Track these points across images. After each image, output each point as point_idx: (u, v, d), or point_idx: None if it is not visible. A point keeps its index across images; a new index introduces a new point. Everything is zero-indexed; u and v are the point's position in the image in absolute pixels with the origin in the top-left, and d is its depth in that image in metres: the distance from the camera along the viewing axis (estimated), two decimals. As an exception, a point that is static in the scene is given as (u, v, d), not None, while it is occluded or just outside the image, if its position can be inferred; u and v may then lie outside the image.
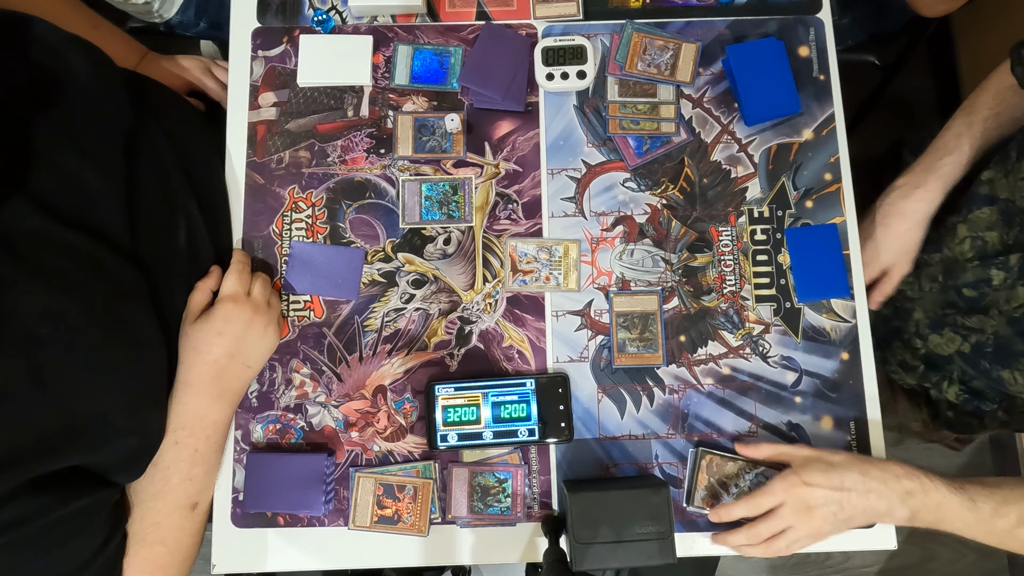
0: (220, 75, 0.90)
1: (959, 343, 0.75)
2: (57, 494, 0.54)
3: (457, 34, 0.83)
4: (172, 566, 0.65)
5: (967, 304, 0.73)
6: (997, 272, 0.69)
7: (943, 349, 0.77)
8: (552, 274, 0.78)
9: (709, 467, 0.72)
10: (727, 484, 0.71)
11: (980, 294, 0.71)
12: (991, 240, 0.71)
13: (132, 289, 0.62)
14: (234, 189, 0.79)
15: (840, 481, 0.63)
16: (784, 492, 0.64)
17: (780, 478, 0.65)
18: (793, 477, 0.64)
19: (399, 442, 0.74)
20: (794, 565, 1.51)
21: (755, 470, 0.72)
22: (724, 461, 0.72)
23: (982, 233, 0.72)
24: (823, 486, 0.63)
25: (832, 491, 0.63)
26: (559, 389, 0.73)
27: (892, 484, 0.63)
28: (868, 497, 0.63)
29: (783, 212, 0.79)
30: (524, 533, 0.73)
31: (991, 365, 0.73)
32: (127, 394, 0.59)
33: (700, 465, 0.71)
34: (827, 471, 0.64)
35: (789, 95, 0.79)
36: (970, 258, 0.73)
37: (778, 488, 0.64)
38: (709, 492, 0.72)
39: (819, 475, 0.64)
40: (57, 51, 0.61)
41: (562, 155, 0.81)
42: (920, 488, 0.63)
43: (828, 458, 0.66)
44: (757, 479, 0.71)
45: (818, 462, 0.65)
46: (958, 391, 0.80)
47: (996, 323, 0.71)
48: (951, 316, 0.75)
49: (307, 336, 0.76)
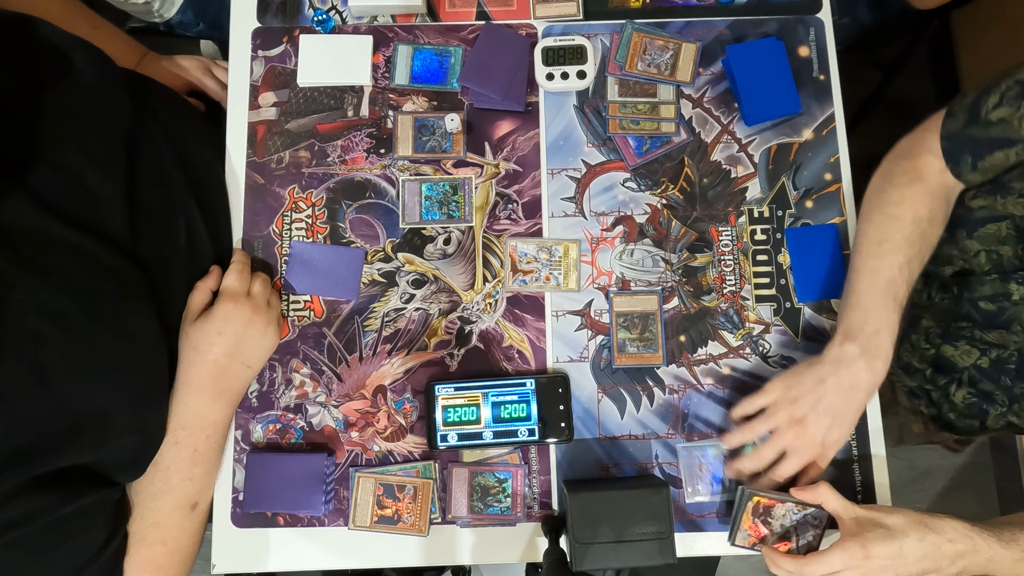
0: (220, 75, 0.90)
1: (977, 357, 0.74)
2: (59, 493, 0.54)
3: (457, 34, 0.83)
4: (172, 566, 0.65)
5: (985, 318, 0.72)
6: (1018, 287, 0.68)
7: (959, 361, 0.76)
8: (552, 274, 0.78)
9: (755, 510, 0.68)
10: (773, 525, 0.68)
11: (999, 308, 0.70)
12: (1006, 254, 0.70)
13: (133, 288, 0.62)
14: (234, 189, 0.79)
15: (899, 548, 0.62)
16: (843, 564, 0.62)
17: (840, 549, 0.62)
18: (856, 548, 0.62)
19: (399, 442, 0.74)
20: (794, 565, 1.51)
21: (804, 511, 0.68)
22: (772, 503, 0.68)
23: (996, 247, 0.70)
24: (883, 557, 0.62)
25: (890, 560, 0.62)
26: (559, 389, 0.73)
27: (946, 549, 0.62)
28: (922, 562, 0.62)
29: (783, 212, 0.79)
30: (524, 533, 0.73)
31: (1013, 381, 0.72)
32: (128, 393, 0.59)
33: (746, 507, 0.68)
34: (887, 539, 0.62)
35: (789, 95, 0.79)
36: (987, 271, 0.72)
37: (836, 559, 0.62)
38: (752, 533, 0.69)
39: (881, 546, 0.62)
40: (58, 52, 0.62)
41: (562, 155, 0.81)
42: (972, 550, 0.62)
43: (885, 521, 0.63)
44: (807, 522, 0.68)
45: (877, 528, 0.63)
46: (966, 394, 0.80)
47: (1019, 339, 0.70)
48: (967, 329, 0.74)
49: (307, 336, 0.76)
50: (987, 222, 0.71)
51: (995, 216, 0.70)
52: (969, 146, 0.66)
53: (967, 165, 0.67)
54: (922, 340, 0.80)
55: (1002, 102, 0.63)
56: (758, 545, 0.68)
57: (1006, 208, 0.68)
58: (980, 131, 0.65)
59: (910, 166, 0.69)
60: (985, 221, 0.71)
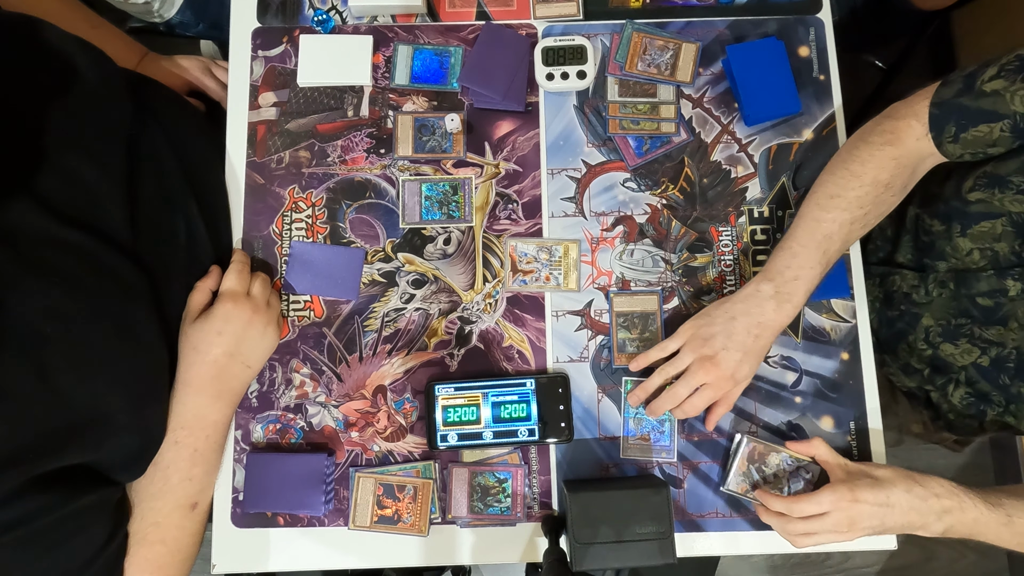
0: (220, 75, 0.90)
1: (977, 355, 0.74)
2: (60, 493, 0.54)
3: (457, 34, 0.83)
4: (172, 565, 0.65)
5: (983, 315, 0.72)
6: (1014, 283, 0.68)
7: (957, 360, 0.76)
8: (552, 274, 0.78)
9: (751, 454, 0.72)
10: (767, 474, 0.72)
11: (996, 304, 0.70)
12: (1001, 251, 0.70)
13: (133, 288, 0.62)
14: (234, 189, 0.79)
15: (886, 497, 0.64)
16: (831, 504, 0.64)
17: (830, 490, 0.65)
18: (844, 491, 0.64)
19: (399, 442, 0.74)
20: (794, 565, 1.51)
21: (798, 463, 0.72)
22: (767, 450, 0.72)
23: (991, 244, 0.71)
24: (871, 502, 0.64)
25: (878, 507, 0.64)
26: (559, 389, 0.73)
27: (932, 502, 0.64)
28: (909, 514, 0.64)
29: (783, 212, 0.79)
30: (524, 533, 0.73)
31: (1012, 380, 0.72)
32: (129, 392, 0.59)
33: (742, 450, 0.72)
34: (875, 488, 0.64)
35: (789, 95, 0.79)
36: (983, 267, 0.72)
37: (826, 500, 0.64)
38: (747, 479, 0.72)
39: (868, 492, 0.64)
40: (59, 52, 0.62)
41: (562, 155, 0.81)
42: (958, 507, 0.64)
43: (874, 473, 0.66)
44: (800, 474, 0.71)
45: (865, 476, 0.65)
46: (964, 394, 0.80)
47: (1017, 336, 0.70)
48: (967, 327, 0.74)
49: (307, 336, 0.76)
50: (982, 219, 0.71)
51: (991, 212, 0.70)
52: (956, 115, 0.66)
53: (949, 134, 0.66)
54: (920, 341, 0.80)
55: (999, 74, 0.63)
56: (749, 492, 0.71)
57: (1003, 204, 0.68)
58: (971, 101, 0.65)
59: (890, 127, 0.69)
60: (980, 217, 0.71)
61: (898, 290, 0.81)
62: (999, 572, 1.51)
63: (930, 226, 0.77)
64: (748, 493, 0.72)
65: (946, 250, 0.75)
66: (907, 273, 0.80)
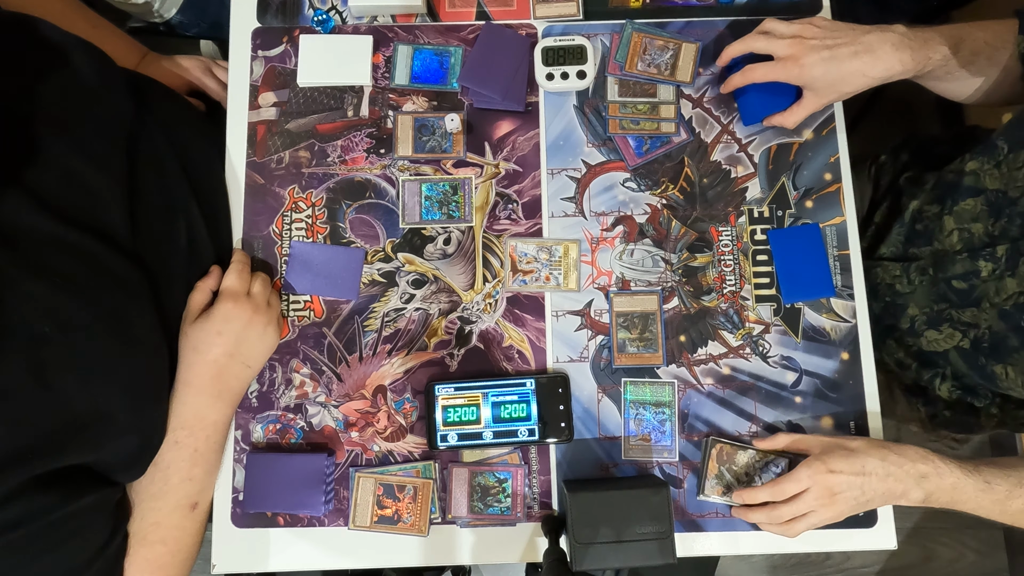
0: (220, 75, 0.90)
1: (959, 339, 0.75)
2: (59, 493, 0.54)
3: (457, 34, 0.83)
4: (173, 566, 0.65)
5: (959, 297, 0.73)
6: (985, 264, 0.69)
7: (939, 345, 0.77)
8: (552, 274, 0.78)
9: (719, 456, 0.72)
10: (738, 472, 0.72)
11: (970, 286, 0.71)
12: (976, 232, 0.71)
13: (133, 288, 0.62)
14: (234, 189, 0.79)
15: (862, 466, 0.65)
16: (809, 479, 0.66)
17: (805, 465, 0.66)
18: (818, 464, 0.66)
19: (399, 442, 0.74)
20: (794, 565, 1.51)
21: (767, 459, 0.73)
22: (734, 450, 0.73)
23: (968, 225, 0.72)
24: (846, 472, 0.65)
25: (854, 476, 0.65)
26: (559, 389, 0.73)
27: (908, 468, 0.66)
28: (887, 481, 0.65)
29: (783, 212, 0.79)
30: (524, 533, 0.73)
31: (987, 360, 0.73)
32: (129, 392, 0.59)
33: (711, 454, 0.72)
34: (849, 457, 0.66)
35: (789, 95, 0.79)
36: (959, 250, 0.73)
37: (803, 475, 0.66)
38: (720, 481, 0.72)
39: (842, 462, 0.65)
40: (59, 52, 0.62)
41: (562, 155, 0.81)
42: (935, 471, 0.66)
43: (847, 444, 0.67)
44: (770, 468, 0.72)
45: (839, 448, 0.67)
46: (951, 387, 0.80)
47: (989, 316, 0.71)
48: (947, 311, 0.75)
49: (307, 336, 0.76)
50: (968, 195, 0.72)
51: (976, 188, 0.71)
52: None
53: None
54: (907, 334, 0.80)
55: None
56: (727, 494, 0.72)
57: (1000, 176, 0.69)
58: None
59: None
60: (967, 193, 0.72)
61: (881, 282, 0.82)
62: (999, 572, 1.51)
63: (927, 212, 0.78)
64: (724, 495, 0.72)
65: (935, 231, 0.76)
66: (888, 264, 0.81)
